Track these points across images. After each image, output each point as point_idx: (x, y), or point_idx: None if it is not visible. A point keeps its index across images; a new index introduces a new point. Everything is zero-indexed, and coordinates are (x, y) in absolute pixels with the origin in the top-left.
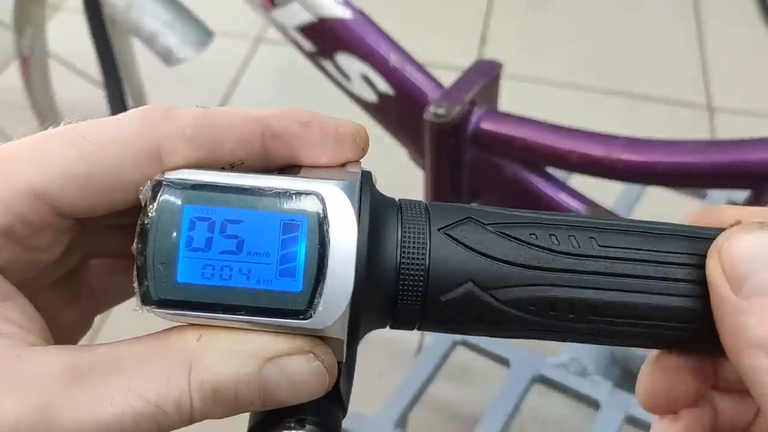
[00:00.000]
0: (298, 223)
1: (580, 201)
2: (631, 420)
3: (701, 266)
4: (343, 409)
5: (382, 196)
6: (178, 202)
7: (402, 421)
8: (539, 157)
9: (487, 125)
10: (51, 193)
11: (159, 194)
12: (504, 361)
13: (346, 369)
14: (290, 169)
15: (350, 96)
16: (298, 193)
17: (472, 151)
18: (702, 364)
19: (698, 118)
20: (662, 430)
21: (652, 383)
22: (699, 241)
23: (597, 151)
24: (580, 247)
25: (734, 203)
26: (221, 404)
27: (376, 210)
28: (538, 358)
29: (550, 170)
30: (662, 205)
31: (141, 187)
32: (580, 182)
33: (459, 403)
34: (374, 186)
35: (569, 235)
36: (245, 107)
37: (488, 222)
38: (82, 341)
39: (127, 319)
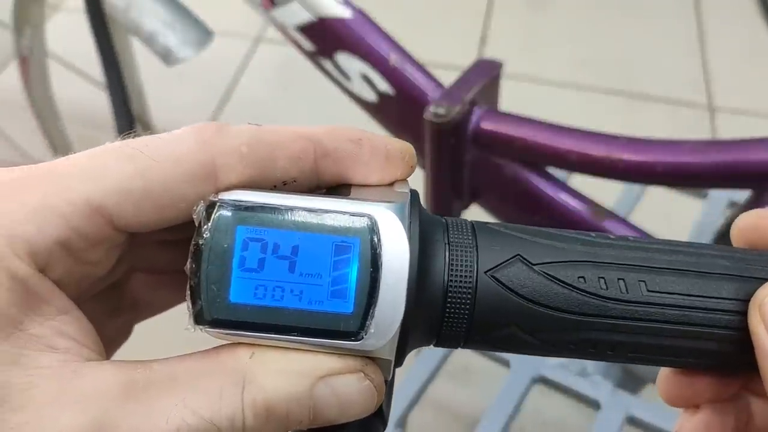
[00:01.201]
0: (349, 245)
1: (580, 201)
2: (632, 420)
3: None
4: (384, 422)
5: (429, 215)
6: (232, 223)
7: (402, 421)
8: (539, 157)
9: (487, 125)
10: (107, 208)
11: (213, 215)
12: (504, 362)
13: (387, 385)
14: (340, 188)
15: (350, 96)
16: (351, 215)
17: (472, 150)
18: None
19: (699, 118)
20: (682, 421)
21: (671, 384)
22: (751, 282)
23: (597, 150)
24: (628, 292)
25: (735, 203)
26: (273, 422)
27: (424, 230)
28: (539, 359)
29: (551, 170)
30: (663, 205)
31: (195, 207)
32: (580, 182)
33: (459, 403)
34: (421, 205)
35: (618, 278)
36: (245, 107)
37: (536, 262)
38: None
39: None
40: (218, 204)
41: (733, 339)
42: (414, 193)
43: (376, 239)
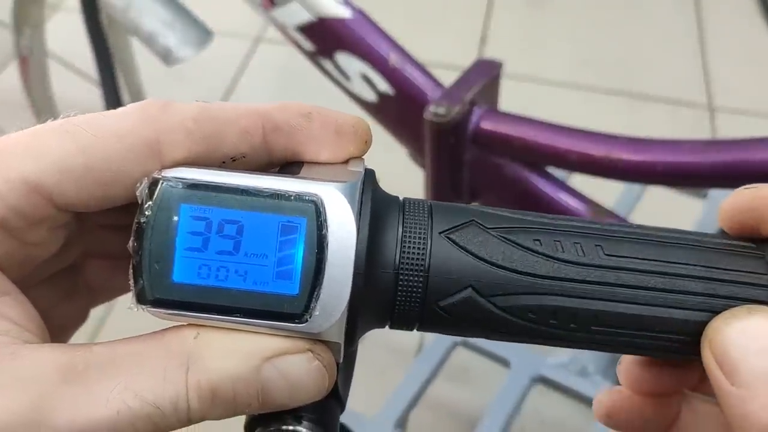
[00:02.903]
0: (296, 225)
1: (580, 201)
2: None
3: (709, 278)
4: (341, 405)
5: (385, 195)
6: (176, 200)
7: (402, 421)
8: (539, 157)
9: (487, 125)
10: (47, 186)
11: (156, 192)
12: (504, 361)
13: (344, 366)
14: (292, 165)
15: (350, 96)
16: (298, 195)
17: (472, 150)
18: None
19: (699, 118)
20: (603, 390)
21: (631, 372)
22: (709, 252)
23: (597, 150)
24: (585, 255)
25: None
26: (219, 405)
27: (377, 210)
28: (538, 358)
29: (551, 170)
30: (663, 205)
31: (138, 184)
32: (580, 182)
33: (459, 403)
34: (377, 185)
35: (575, 242)
36: None
37: (491, 226)
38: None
39: (128, 314)
40: (161, 181)
41: (697, 305)
42: (369, 172)
43: (322, 219)
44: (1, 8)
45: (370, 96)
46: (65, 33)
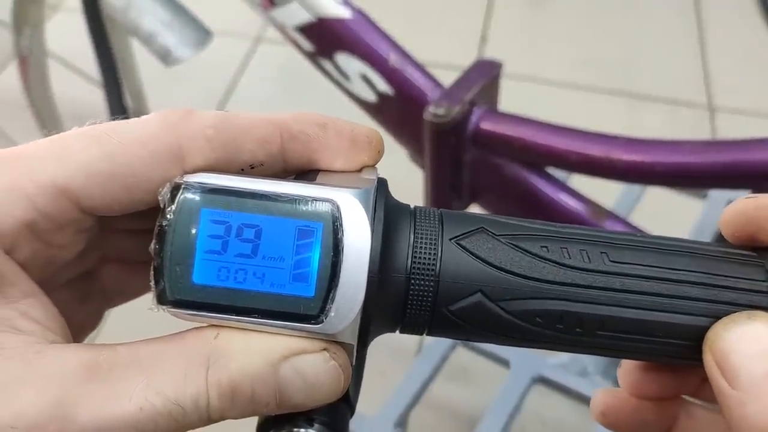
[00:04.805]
0: (312, 230)
1: (580, 201)
2: None
3: (710, 285)
4: (351, 409)
5: (397, 203)
6: (196, 205)
7: (402, 421)
8: (539, 157)
9: (487, 125)
10: (73, 190)
11: (178, 197)
12: (504, 362)
13: (355, 370)
14: (307, 173)
15: (350, 96)
16: (314, 200)
17: (472, 151)
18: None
19: (699, 118)
20: (603, 390)
21: (632, 377)
22: (710, 259)
23: (597, 151)
24: (591, 261)
25: None
26: (238, 403)
27: (389, 217)
28: (538, 359)
29: (550, 170)
30: (663, 205)
31: (160, 189)
32: (580, 182)
33: (459, 403)
34: (389, 193)
35: (581, 249)
36: (245, 107)
37: (500, 233)
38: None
39: (130, 315)
40: (183, 186)
41: (700, 311)
42: (382, 181)
43: (338, 224)
44: (1, 8)
45: (369, 96)
46: (65, 33)
